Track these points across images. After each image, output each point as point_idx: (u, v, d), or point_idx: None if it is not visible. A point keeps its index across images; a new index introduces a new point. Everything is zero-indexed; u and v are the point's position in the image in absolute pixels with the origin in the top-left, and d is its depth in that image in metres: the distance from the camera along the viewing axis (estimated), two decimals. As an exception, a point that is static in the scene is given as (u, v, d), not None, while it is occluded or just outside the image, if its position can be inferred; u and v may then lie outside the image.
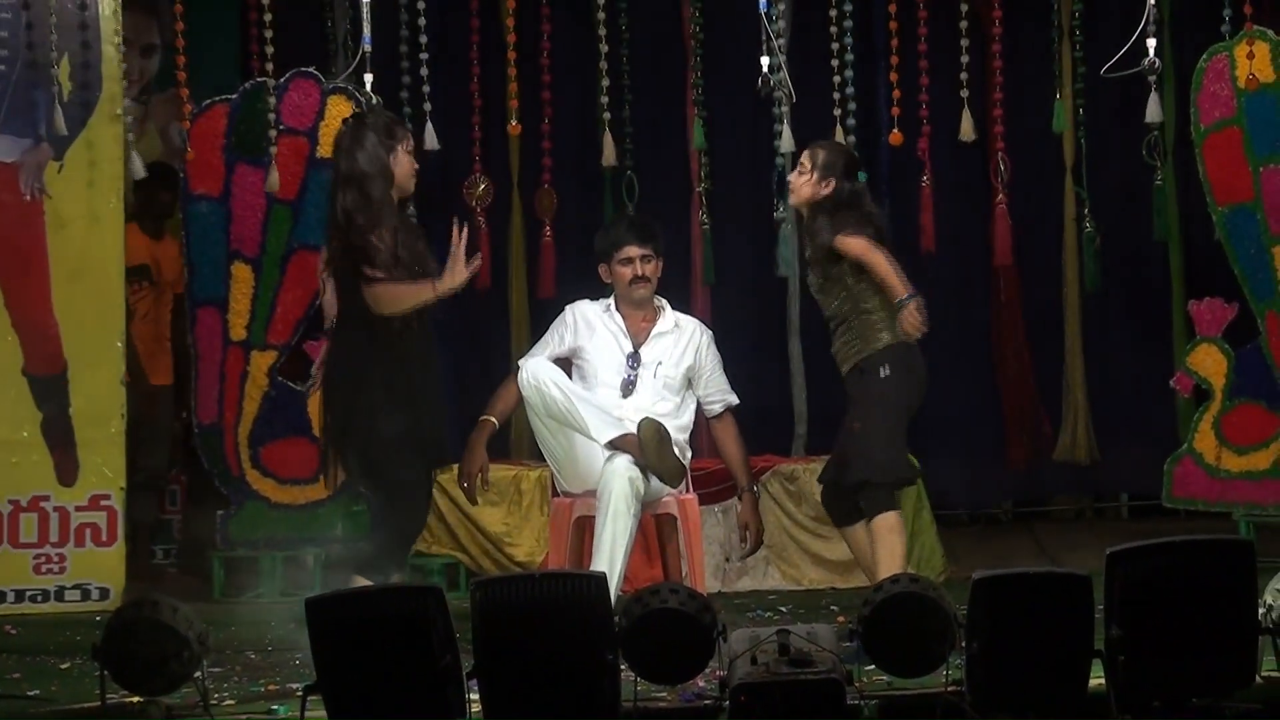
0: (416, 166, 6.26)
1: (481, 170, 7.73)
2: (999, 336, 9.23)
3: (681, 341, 6.77)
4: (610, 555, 6.31)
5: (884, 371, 6.38)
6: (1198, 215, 8.45)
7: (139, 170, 7.52)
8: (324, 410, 6.26)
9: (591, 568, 6.30)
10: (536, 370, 6.48)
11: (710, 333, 6.87)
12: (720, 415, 6.80)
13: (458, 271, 5.94)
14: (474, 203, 7.67)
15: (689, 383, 6.77)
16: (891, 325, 6.34)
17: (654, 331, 6.72)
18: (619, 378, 6.69)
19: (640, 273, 6.68)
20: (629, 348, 6.71)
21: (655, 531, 6.88)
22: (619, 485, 6.35)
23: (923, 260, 8.02)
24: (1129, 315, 9.26)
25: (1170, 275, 9.07)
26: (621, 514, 6.34)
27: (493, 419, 6.59)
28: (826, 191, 6.36)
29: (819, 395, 9.21)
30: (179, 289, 8.07)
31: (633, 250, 6.68)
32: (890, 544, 6.31)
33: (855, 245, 6.29)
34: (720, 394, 6.80)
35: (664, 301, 6.82)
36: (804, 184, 6.41)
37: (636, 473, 6.38)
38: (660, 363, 6.70)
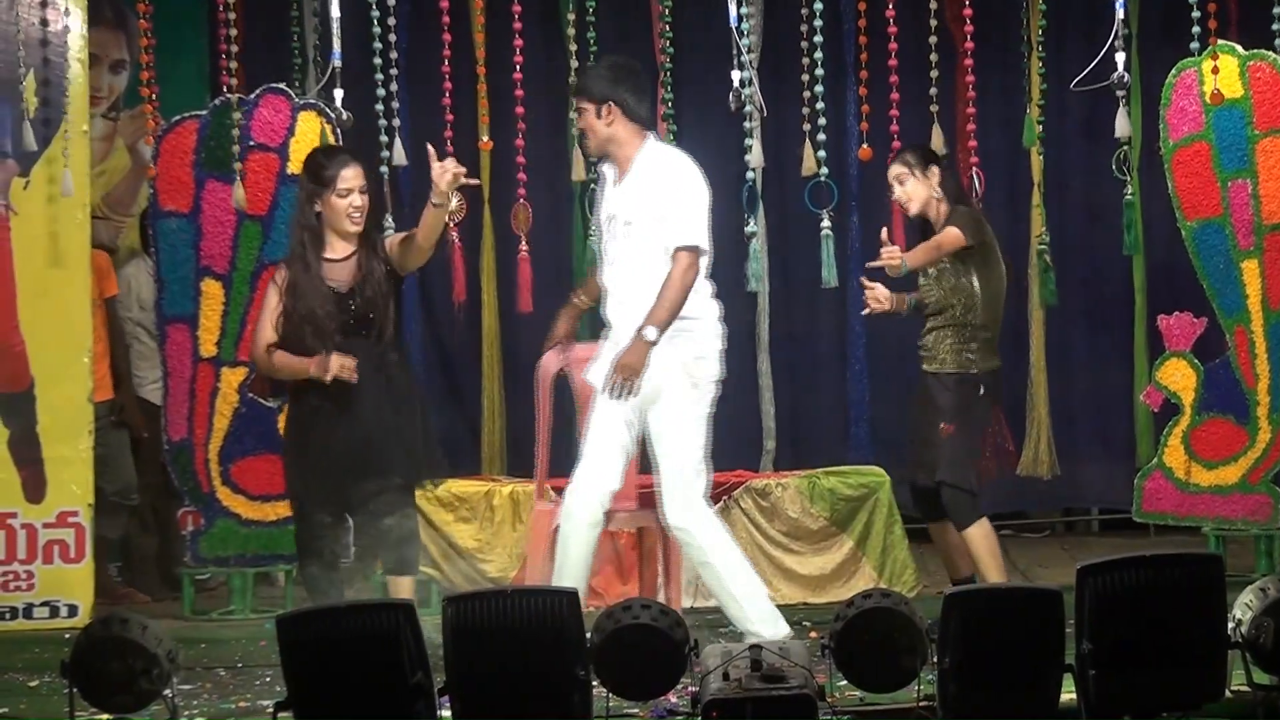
0: (357, 205, 6.29)
1: (454, 185, 7.74)
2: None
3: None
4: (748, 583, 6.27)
5: (982, 390, 6.89)
6: (1160, 230, 8.47)
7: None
8: None
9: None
10: (569, 515, 6.24)
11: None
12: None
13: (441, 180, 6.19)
14: (447, 218, 7.66)
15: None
16: (995, 348, 6.90)
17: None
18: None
19: None
20: None
21: (636, 545, 6.88)
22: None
23: (891, 275, 8.02)
24: (1090, 330, 9.29)
25: (1132, 290, 9.10)
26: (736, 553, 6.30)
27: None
28: (936, 185, 6.90)
29: (788, 411, 9.21)
30: (107, 292, 8.00)
31: None
32: (989, 547, 6.79)
33: (951, 236, 6.82)
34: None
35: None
36: (918, 186, 6.89)
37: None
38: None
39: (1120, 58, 6.96)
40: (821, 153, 7.41)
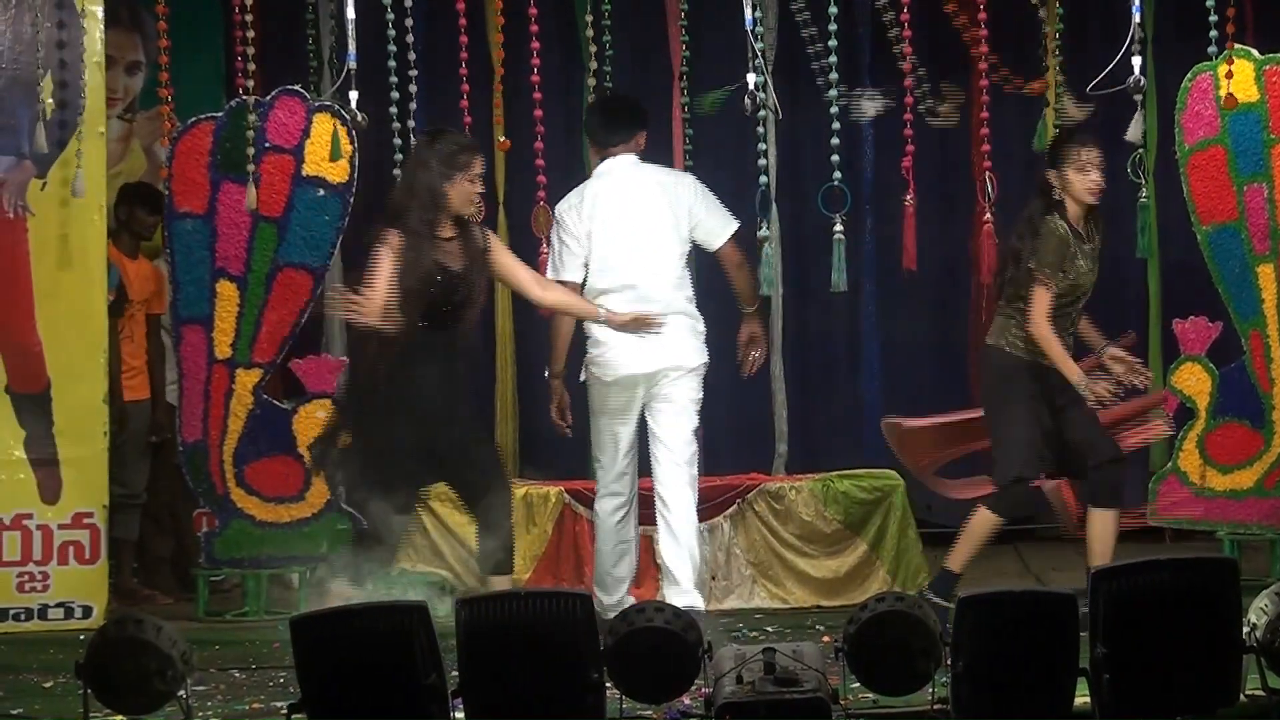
0: (480, 191, 6.67)
1: (476, 187, 7.75)
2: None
3: None
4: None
5: None
6: (1176, 233, 8.45)
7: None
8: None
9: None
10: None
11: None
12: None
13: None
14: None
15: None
16: None
17: None
18: None
19: None
20: None
21: (648, 548, 6.91)
22: None
23: (904, 279, 8.04)
24: (1105, 333, 9.25)
25: (1147, 294, 9.08)
26: None
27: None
28: None
29: (801, 414, 9.20)
30: (154, 309, 8.09)
31: None
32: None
33: None
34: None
35: None
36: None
37: None
38: None
39: (1137, 62, 6.95)
40: (835, 157, 7.39)
